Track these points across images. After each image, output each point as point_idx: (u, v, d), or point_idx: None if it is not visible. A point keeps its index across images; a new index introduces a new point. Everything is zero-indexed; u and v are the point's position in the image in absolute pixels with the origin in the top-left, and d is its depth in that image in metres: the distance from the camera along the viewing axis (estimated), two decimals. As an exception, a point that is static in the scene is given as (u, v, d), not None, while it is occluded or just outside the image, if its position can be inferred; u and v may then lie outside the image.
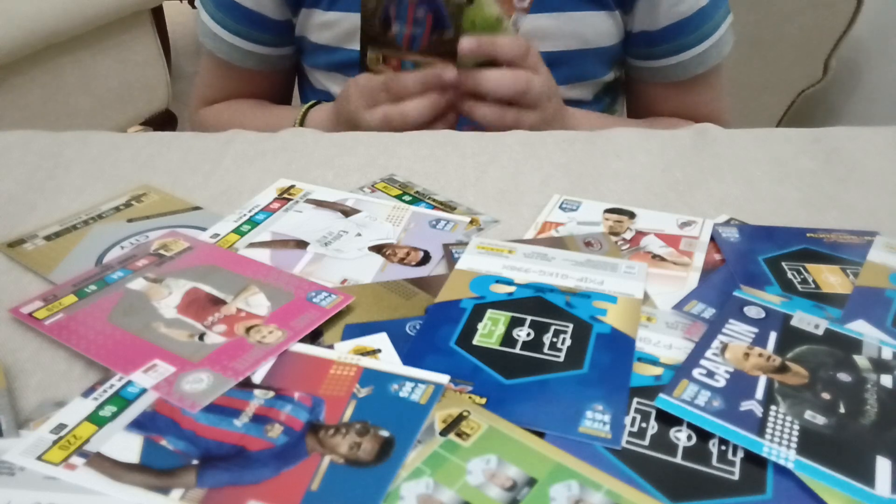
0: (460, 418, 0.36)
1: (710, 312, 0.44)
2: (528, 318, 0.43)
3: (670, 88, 0.81)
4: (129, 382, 0.38)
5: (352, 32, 0.74)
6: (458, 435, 0.35)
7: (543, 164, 0.61)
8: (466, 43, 0.62)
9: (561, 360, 0.40)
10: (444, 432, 0.35)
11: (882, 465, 0.34)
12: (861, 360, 0.40)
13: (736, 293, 0.45)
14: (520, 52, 0.63)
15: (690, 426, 0.36)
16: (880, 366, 0.39)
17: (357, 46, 0.67)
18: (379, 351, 0.41)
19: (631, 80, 0.85)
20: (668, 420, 0.36)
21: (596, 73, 0.79)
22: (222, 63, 0.82)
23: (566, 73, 0.75)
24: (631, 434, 0.36)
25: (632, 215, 0.54)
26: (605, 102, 0.85)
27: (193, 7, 3.63)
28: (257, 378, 0.38)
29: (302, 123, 0.75)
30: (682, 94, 0.81)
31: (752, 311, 0.43)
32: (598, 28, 0.75)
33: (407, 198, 0.56)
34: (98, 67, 1.79)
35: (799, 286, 0.46)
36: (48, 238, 0.51)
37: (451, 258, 0.49)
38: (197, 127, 0.88)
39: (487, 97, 0.65)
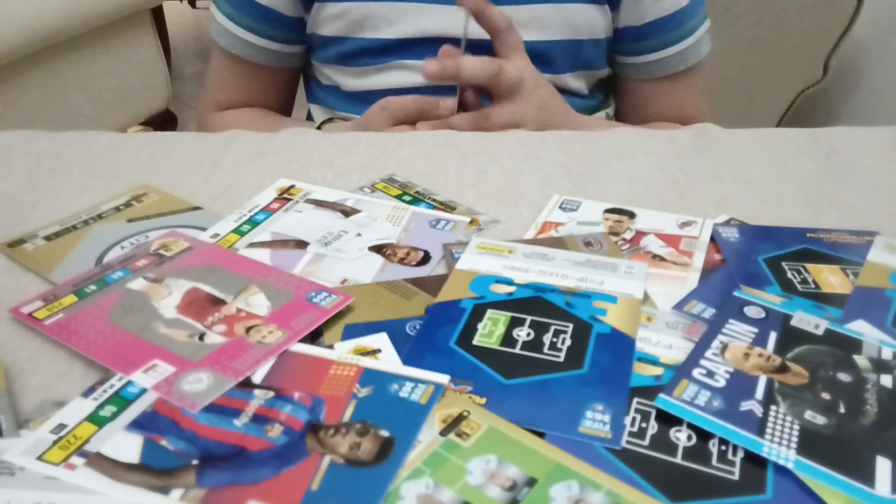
0: (460, 418, 0.36)
1: (710, 312, 0.44)
2: (528, 318, 0.43)
3: (656, 87, 0.86)
4: (129, 382, 0.38)
5: (360, 21, 0.78)
6: (458, 435, 0.35)
7: (543, 164, 0.61)
8: None
9: (561, 360, 0.40)
10: (444, 432, 0.35)
11: (882, 465, 0.34)
12: (861, 360, 0.40)
13: (736, 293, 0.45)
14: (504, 21, 0.68)
15: (690, 426, 0.36)
16: (880, 366, 0.39)
17: (366, 35, 0.77)
18: (379, 351, 0.41)
19: (618, 79, 0.90)
20: (668, 420, 0.36)
21: (595, 63, 0.84)
22: (234, 60, 0.85)
23: (568, 62, 0.80)
24: (631, 434, 0.36)
25: (632, 215, 0.54)
26: (598, 98, 0.88)
27: (194, 7, 3.61)
28: (257, 378, 0.38)
29: None
30: (667, 93, 0.86)
31: (752, 311, 0.43)
32: (591, 20, 0.80)
33: (407, 198, 0.56)
34: (98, 67, 1.79)
35: (799, 286, 0.46)
36: (48, 238, 0.51)
37: (451, 258, 0.49)
38: (205, 131, 0.89)
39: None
